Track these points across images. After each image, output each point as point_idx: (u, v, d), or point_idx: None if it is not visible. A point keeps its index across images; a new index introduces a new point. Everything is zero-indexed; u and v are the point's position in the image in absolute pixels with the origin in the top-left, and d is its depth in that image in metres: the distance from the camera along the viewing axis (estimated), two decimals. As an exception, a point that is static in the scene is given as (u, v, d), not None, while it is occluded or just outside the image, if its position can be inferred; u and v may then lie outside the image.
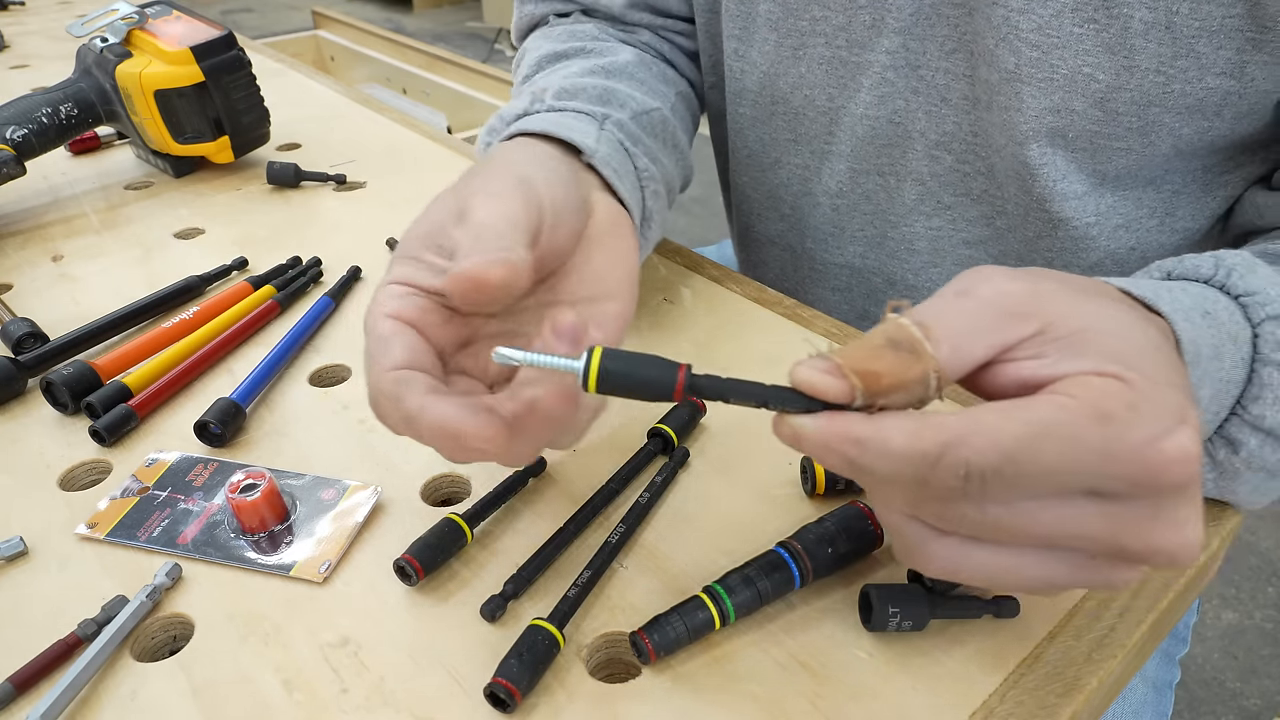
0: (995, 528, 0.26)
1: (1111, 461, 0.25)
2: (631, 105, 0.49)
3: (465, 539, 0.38)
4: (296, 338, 0.53)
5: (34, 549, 0.40)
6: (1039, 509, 0.26)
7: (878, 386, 0.26)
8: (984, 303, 0.27)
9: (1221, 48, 0.42)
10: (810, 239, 0.64)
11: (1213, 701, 1.26)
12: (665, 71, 0.61)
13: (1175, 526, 0.26)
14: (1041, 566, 0.27)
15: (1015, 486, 0.25)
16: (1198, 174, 0.50)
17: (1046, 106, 0.47)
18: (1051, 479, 0.25)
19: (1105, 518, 0.26)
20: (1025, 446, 0.25)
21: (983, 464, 0.25)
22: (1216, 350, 0.32)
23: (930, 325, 0.27)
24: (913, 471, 0.25)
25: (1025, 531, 0.26)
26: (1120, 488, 0.25)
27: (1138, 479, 0.25)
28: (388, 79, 2.01)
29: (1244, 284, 0.35)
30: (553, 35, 0.62)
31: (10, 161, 0.65)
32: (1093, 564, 0.27)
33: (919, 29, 0.51)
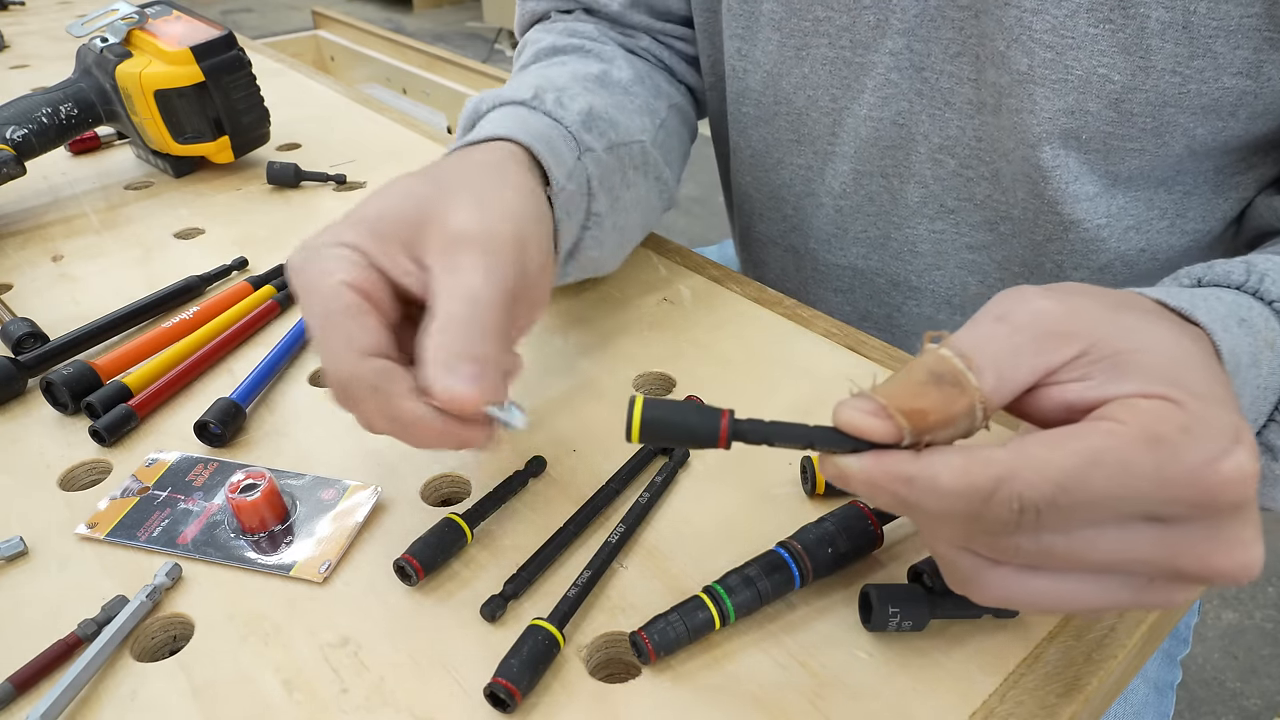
0: (1052, 556, 0.26)
1: (1167, 486, 0.24)
2: (611, 136, 0.49)
3: (465, 539, 0.38)
4: (296, 338, 0.53)
5: (34, 549, 0.40)
6: (1096, 537, 0.25)
7: (924, 424, 0.25)
8: (1023, 326, 0.27)
9: (1239, 47, 0.42)
10: (813, 240, 0.64)
11: (1213, 701, 1.26)
12: (660, 84, 0.61)
13: (1236, 547, 0.25)
14: (1101, 591, 0.27)
15: (1070, 517, 0.25)
16: (1209, 175, 0.50)
17: (1060, 108, 0.47)
18: (1106, 507, 0.25)
19: (1163, 542, 0.25)
20: (1077, 477, 0.24)
21: (1036, 497, 0.24)
22: (1254, 358, 0.32)
23: (971, 355, 0.26)
24: (965, 507, 0.25)
25: (1082, 559, 0.26)
26: (1178, 511, 0.25)
27: (1195, 502, 0.24)
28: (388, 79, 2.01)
29: (1278, 289, 0.34)
30: (553, 30, 0.62)
31: (10, 161, 0.65)
32: (1151, 586, 0.27)
33: (923, 30, 0.51)
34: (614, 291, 0.57)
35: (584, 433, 0.45)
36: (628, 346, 0.52)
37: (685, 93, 0.64)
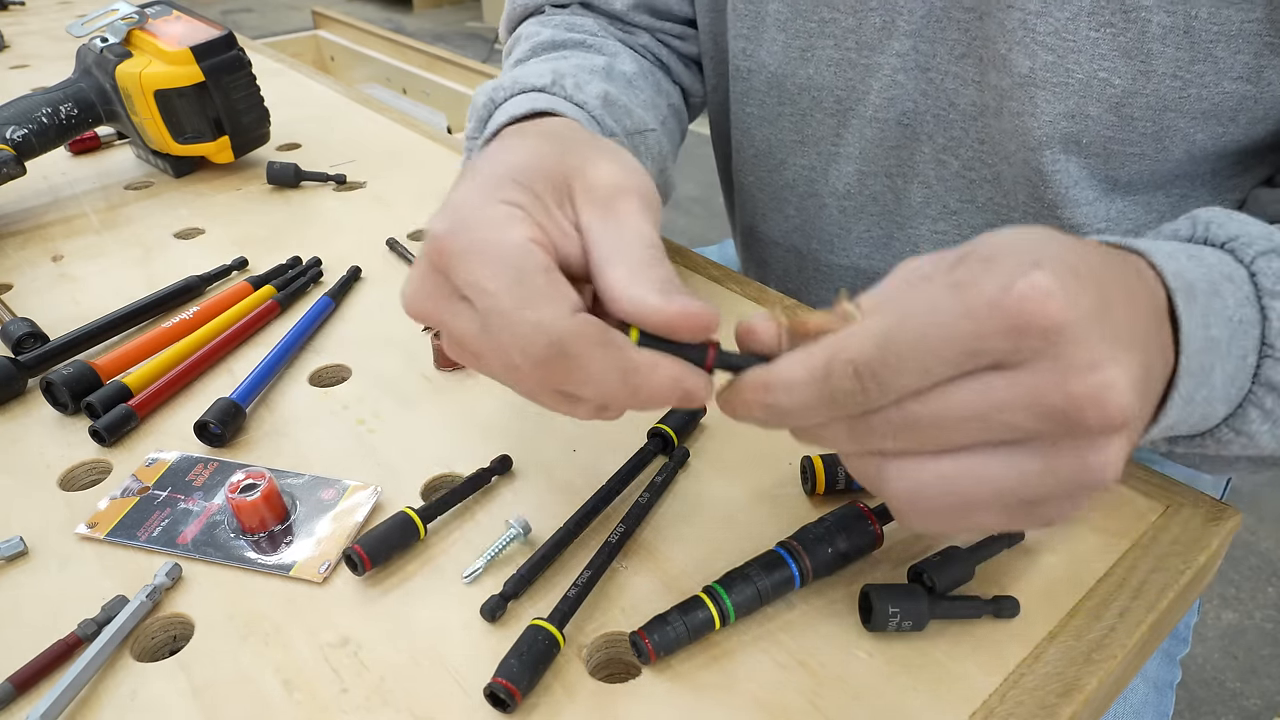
0: (927, 426, 0.27)
1: (977, 322, 0.25)
2: (627, 123, 0.48)
3: (418, 534, 0.39)
4: (296, 338, 0.53)
5: (34, 549, 0.40)
6: (952, 394, 0.26)
7: (804, 330, 0.28)
8: (908, 269, 0.29)
9: (1240, 52, 0.42)
10: (816, 240, 0.64)
11: (1213, 701, 1.26)
12: (660, 82, 0.60)
13: (1085, 371, 0.25)
14: (1000, 466, 0.27)
15: (906, 372, 0.26)
16: (1208, 179, 0.50)
17: (1061, 111, 0.47)
18: (936, 357, 0.26)
19: (1015, 384, 0.26)
20: (896, 332, 0.26)
21: (866, 358, 0.26)
22: (1214, 287, 0.32)
23: (861, 299, 0.28)
24: (817, 393, 0.27)
25: (952, 420, 0.26)
26: (1006, 348, 0.25)
27: (1009, 331, 0.25)
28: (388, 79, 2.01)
29: (1224, 231, 0.35)
30: (550, 24, 0.61)
31: (10, 161, 0.65)
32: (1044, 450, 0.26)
33: (929, 32, 0.51)
34: (614, 291, 0.57)
35: (584, 433, 0.45)
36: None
37: (679, 94, 0.64)
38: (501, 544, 0.38)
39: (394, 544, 0.38)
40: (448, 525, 0.40)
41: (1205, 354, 0.31)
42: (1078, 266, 0.26)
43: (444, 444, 0.45)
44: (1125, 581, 0.37)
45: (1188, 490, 0.41)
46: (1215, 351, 0.31)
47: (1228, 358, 0.32)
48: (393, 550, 0.38)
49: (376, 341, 0.54)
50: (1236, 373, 0.33)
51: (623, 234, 0.30)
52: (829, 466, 0.41)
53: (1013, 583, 0.37)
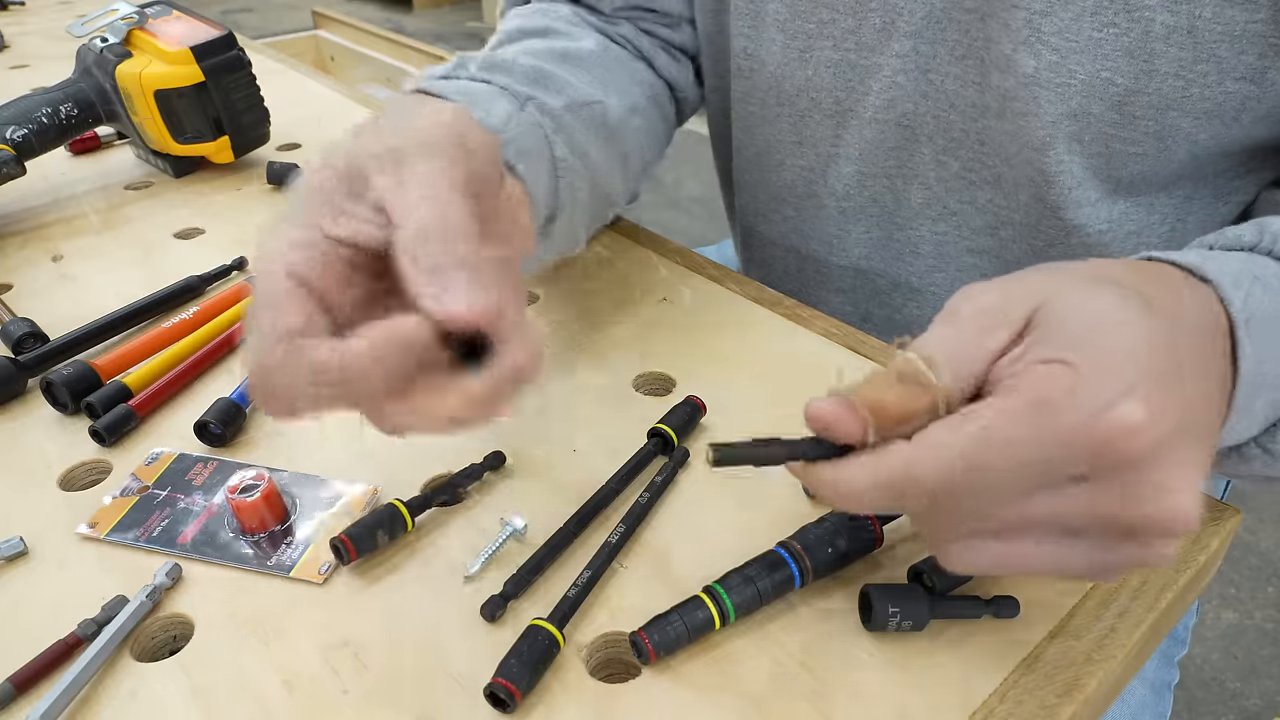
0: (994, 523, 0.27)
1: (1060, 447, 0.25)
2: (569, 93, 0.47)
3: (406, 526, 0.39)
4: (296, 338, 0.53)
5: (34, 549, 0.40)
6: (1027, 503, 0.26)
7: (886, 418, 0.27)
8: (968, 320, 0.28)
9: (1243, 53, 0.42)
10: (815, 240, 0.64)
11: (1213, 702, 1.26)
12: (636, 70, 0.59)
13: (1159, 494, 0.25)
14: (1056, 553, 0.27)
15: (985, 491, 0.26)
16: (1210, 179, 0.50)
17: (1064, 111, 0.47)
18: (1017, 475, 0.26)
19: (1090, 498, 0.26)
20: (972, 456, 0.25)
21: (939, 483, 0.26)
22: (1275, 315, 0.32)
23: (934, 356, 0.28)
24: (885, 500, 0.27)
25: (1022, 524, 0.27)
26: (1088, 469, 0.26)
27: (1093, 456, 0.25)
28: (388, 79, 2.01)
29: None
30: (524, 12, 0.59)
31: (10, 161, 0.65)
32: (1105, 544, 0.27)
33: (930, 33, 0.51)
34: (614, 291, 0.57)
35: (584, 433, 0.45)
36: (628, 346, 0.52)
37: (665, 86, 0.63)
38: (498, 542, 0.38)
39: (378, 533, 0.38)
40: (446, 525, 0.40)
41: (1255, 388, 0.31)
42: (1166, 375, 0.26)
43: (444, 444, 0.45)
44: (1125, 581, 0.37)
45: (1187, 490, 0.41)
46: (1263, 385, 0.31)
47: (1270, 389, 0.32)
48: (378, 539, 0.38)
49: (376, 341, 0.54)
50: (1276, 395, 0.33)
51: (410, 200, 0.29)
52: (829, 466, 0.40)
53: (1013, 583, 0.37)
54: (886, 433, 0.27)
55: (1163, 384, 0.26)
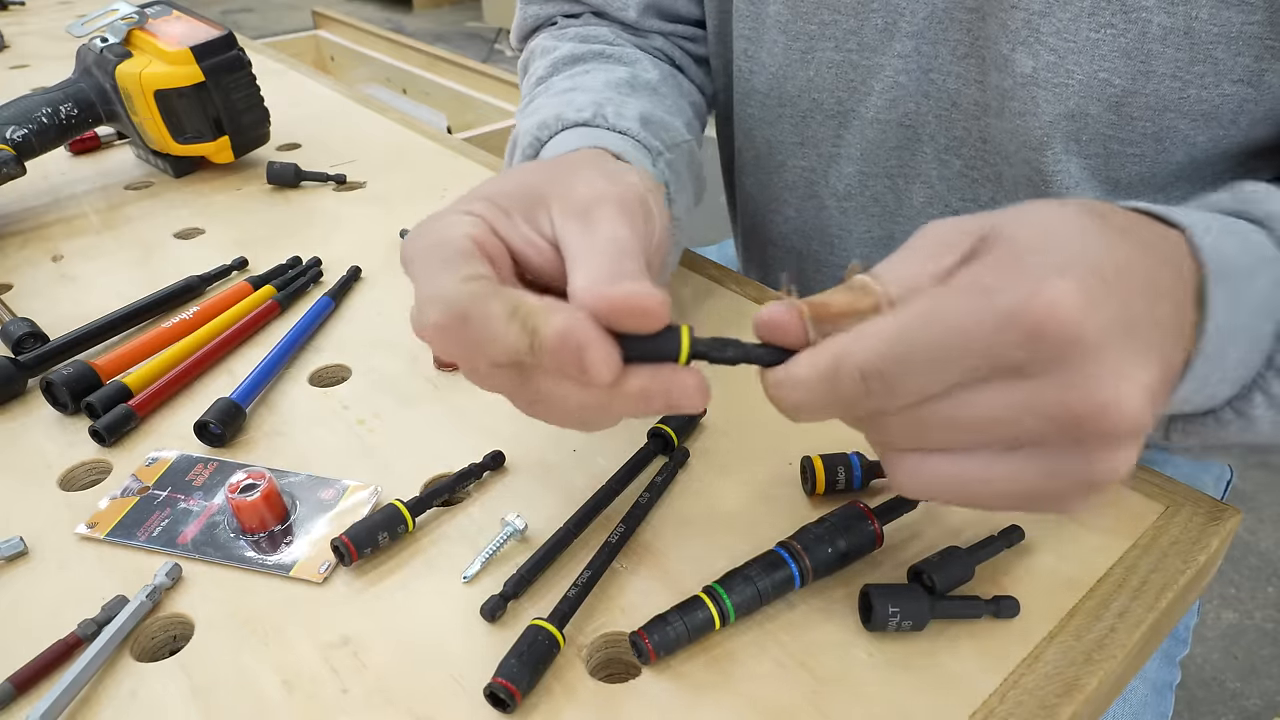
0: (936, 428, 0.27)
1: (994, 330, 0.25)
2: (665, 138, 0.48)
3: (406, 525, 0.39)
4: (296, 338, 0.53)
5: (34, 549, 0.40)
6: (964, 396, 0.26)
7: (826, 313, 0.28)
8: (925, 240, 0.29)
9: (1240, 55, 0.42)
10: (816, 241, 0.64)
11: (1213, 702, 1.26)
12: (681, 84, 0.60)
13: (1095, 384, 0.25)
14: (1003, 466, 0.27)
15: (915, 378, 0.26)
16: (1208, 180, 0.50)
17: (1061, 112, 0.47)
18: (949, 362, 0.26)
19: (1028, 393, 0.26)
20: (906, 338, 0.26)
21: (873, 362, 0.26)
22: (1251, 269, 0.31)
23: (879, 271, 0.28)
24: (825, 394, 0.27)
25: (963, 422, 0.26)
26: (1021, 357, 0.25)
27: (1025, 340, 0.25)
28: (388, 79, 2.01)
29: (1263, 208, 0.34)
30: (565, 36, 0.61)
31: (10, 161, 0.65)
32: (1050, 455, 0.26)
33: (932, 33, 0.51)
34: (614, 291, 0.57)
35: (584, 433, 0.45)
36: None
37: (698, 93, 0.64)
38: (499, 542, 0.38)
39: (379, 534, 0.38)
40: (446, 525, 0.40)
41: (1225, 338, 0.30)
42: (1105, 269, 0.26)
43: (444, 444, 0.45)
44: (1125, 581, 0.37)
45: (1188, 490, 0.41)
46: (1234, 337, 0.31)
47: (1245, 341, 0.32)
48: (379, 539, 0.38)
49: (376, 341, 0.54)
50: (1248, 355, 0.32)
51: (594, 239, 0.30)
52: (829, 466, 0.40)
53: (1013, 583, 0.37)
54: (827, 332, 0.28)
55: (1101, 276, 0.25)
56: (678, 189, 0.46)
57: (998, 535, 0.37)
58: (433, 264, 0.29)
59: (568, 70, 0.56)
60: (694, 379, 0.29)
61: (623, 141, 0.44)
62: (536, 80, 0.58)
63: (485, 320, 0.28)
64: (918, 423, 0.27)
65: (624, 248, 0.30)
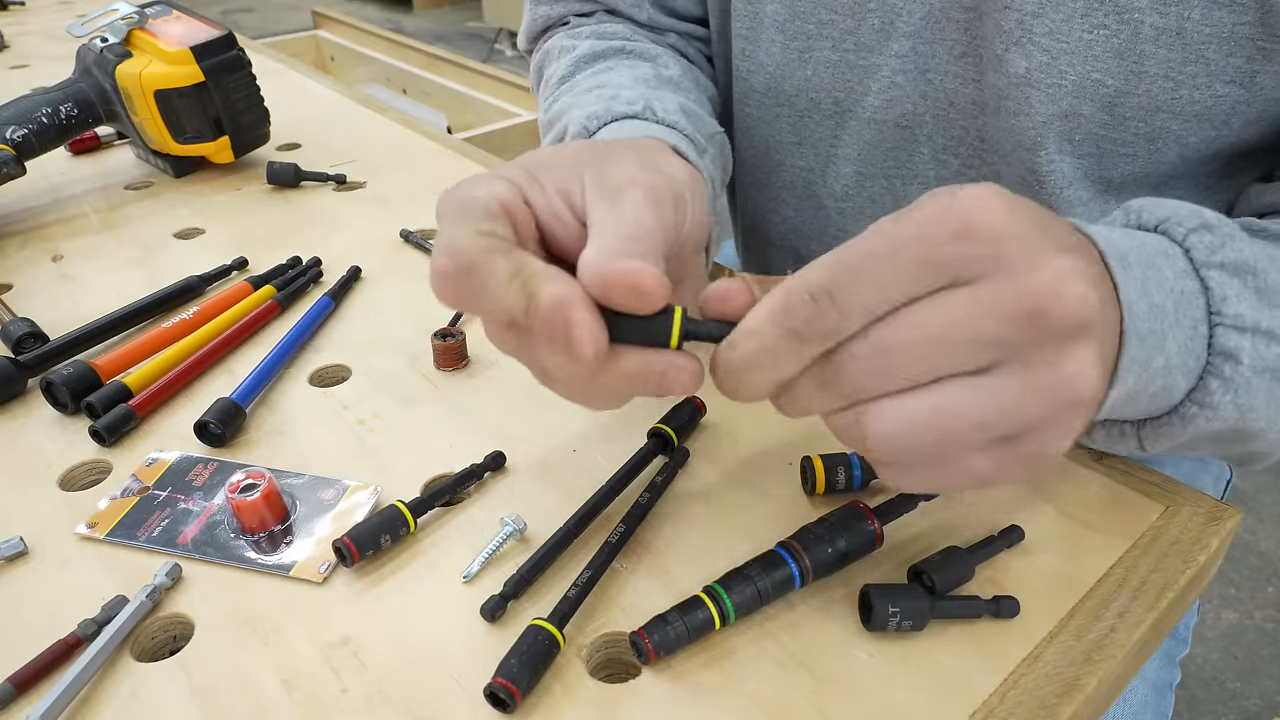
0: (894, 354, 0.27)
1: (922, 231, 0.26)
2: (703, 129, 0.48)
3: (408, 526, 0.39)
4: (296, 338, 0.53)
5: (34, 549, 0.40)
6: (914, 314, 0.27)
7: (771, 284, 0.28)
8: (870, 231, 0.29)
9: (1232, 55, 0.42)
10: (815, 241, 0.64)
11: (1213, 701, 1.26)
12: (699, 78, 0.61)
13: (1037, 272, 0.26)
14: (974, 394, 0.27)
15: (862, 289, 0.26)
16: (1200, 180, 0.50)
17: (1055, 112, 0.47)
18: (889, 271, 0.26)
19: (971, 295, 0.26)
20: (846, 254, 0.27)
21: (818, 280, 0.27)
22: (1149, 260, 0.32)
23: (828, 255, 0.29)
24: (780, 330, 0.27)
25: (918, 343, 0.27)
26: (956, 258, 0.26)
27: (955, 236, 0.26)
28: (388, 79, 2.01)
29: (1154, 215, 0.35)
30: (582, 34, 0.60)
31: (10, 161, 0.65)
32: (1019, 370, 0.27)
33: (929, 33, 0.51)
34: (614, 291, 0.57)
35: (584, 433, 0.45)
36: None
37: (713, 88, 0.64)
38: (498, 542, 0.38)
39: (381, 535, 0.38)
40: (446, 525, 0.40)
41: (1152, 319, 0.31)
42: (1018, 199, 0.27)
43: (444, 444, 0.45)
44: (1125, 581, 0.37)
45: (1188, 490, 0.41)
46: (1163, 318, 0.31)
47: (1178, 326, 0.32)
48: (380, 541, 0.38)
49: (376, 341, 0.54)
50: (1191, 343, 0.33)
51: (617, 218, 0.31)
52: (829, 466, 0.41)
53: (1013, 583, 0.37)
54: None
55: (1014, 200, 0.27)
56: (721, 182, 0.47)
57: (998, 535, 0.37)
58: (455, 216, 0.30)
59: (590, 68, 0.56)
60: (688, 363, 0.29)
61: (672, 135, 0.45)
62: (559, 80, 0.57)
63: (488, 275, 0.29)
64: (879, 352, 0.27)
65: (640, 229, 0.30)
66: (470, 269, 0.29)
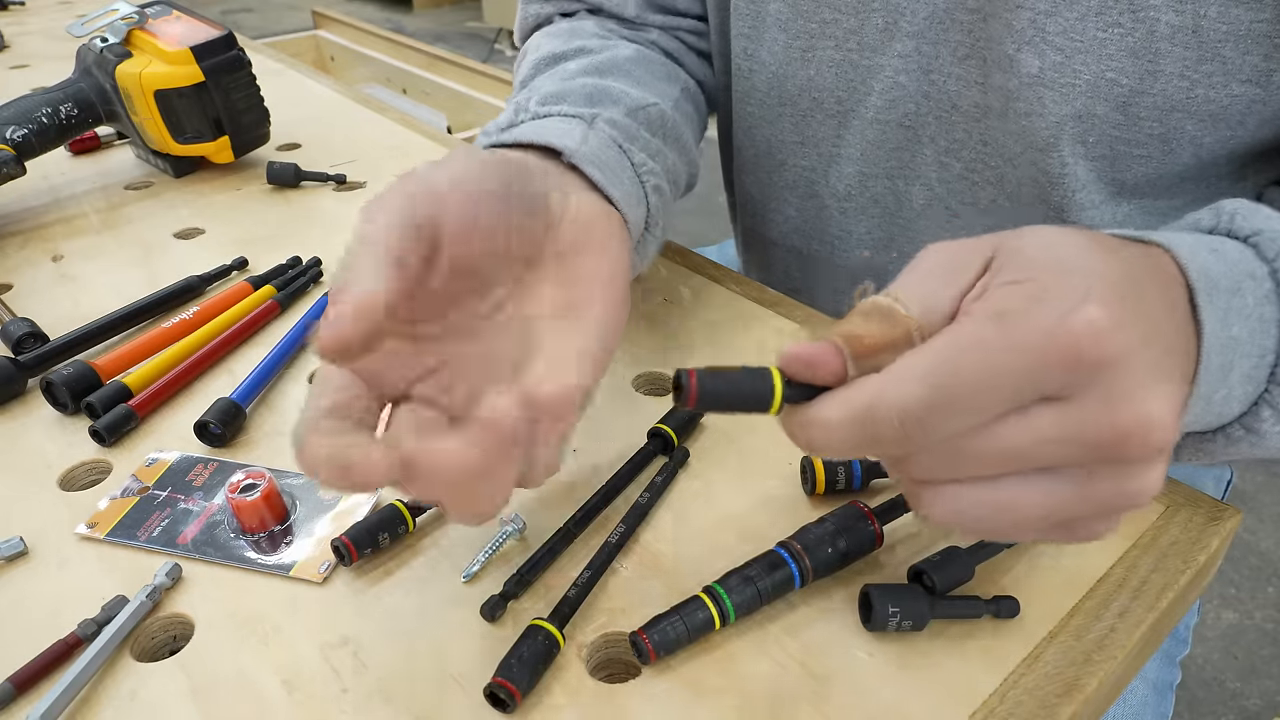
0: (969, 458, 0.27)
1: (1028, 355, 0.25)
2: (626, 101, 0.47)
3: (407, 525, 0.39)
4: (296, 338, 0.53)
5: (34, 549, 0.40)
6: (1001, 428, 0.26)
7: (862, 348, 0.27)
8: (935, 265, 0.29)
9: (1248, 54, 0.42)
10: (816, 241, 0.64)
11: (1213, 702, 1.26)
12: (670, 69, 0.60)
13: (1129, 401, 0.25)
14: (1039, 494, 0.27)
15: (957, 414, 0.26)
16: (1214, 182, 0.50)
17: (1068, 112, 0.46)
18: (987, 394, 0.25)
19: (1063, 416, 0.26)
20: (942, 372, 0.25)
21: (911, 404, 0.25)
22: (1236, 284, 0.32)
23: (900, 293, 0.28)
24: (858, 435, 0.26)
25: (1000, 454, 0.26)
26: (1055, 380, 0.25)
27: (1060, 363, 0.25)
28: (388, 79, 2.01)
29: (1249, 224, 0.34)
30: (554, 34, 0.60)
31: (10, 161, 0.65)
32: (1085, 477, 0.27)
33: (932, 33, 0.51)
34: (614, 291, 0.57)
35: (584, 433, 0.45)
36: (628, 346, 0.52)
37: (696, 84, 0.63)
38: (498, 542, 0.38)
39: (380, 534, 0.38)
40: (446, 525, 0.40)
41: (1225, 353, 0.30)
42: (1123, 288, 0.26)
43: (444, 444, 0.45)
44: (1125, 581, 0.37)
45: (1188, 490, 0.41)
46: (1235, 350, 0.31)
47: (1246, 356, 0.32)
48: (379, 539, 0.38)
49: (376, 341, 0.54)
50: (1254, 370, 0.32)
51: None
52: (829, 466, 0.41)
53: (1013, 583, 0.37)
54: (864, 367, 0.27)
55: (1121, 295, 0.26)
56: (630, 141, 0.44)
57: (998, 535, 0.37)
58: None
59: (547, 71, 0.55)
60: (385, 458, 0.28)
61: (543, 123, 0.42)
62: (519, 83, 0.57)
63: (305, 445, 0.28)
64: (953, 456, 0.27)
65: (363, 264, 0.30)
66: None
